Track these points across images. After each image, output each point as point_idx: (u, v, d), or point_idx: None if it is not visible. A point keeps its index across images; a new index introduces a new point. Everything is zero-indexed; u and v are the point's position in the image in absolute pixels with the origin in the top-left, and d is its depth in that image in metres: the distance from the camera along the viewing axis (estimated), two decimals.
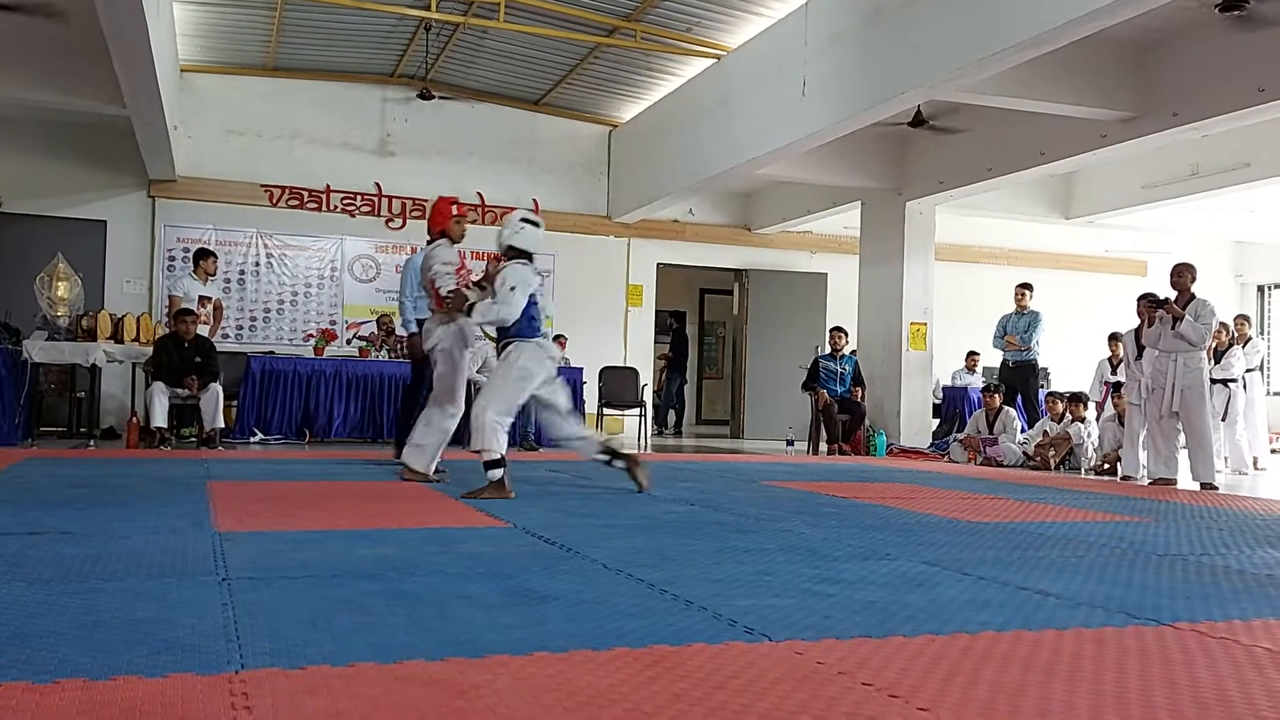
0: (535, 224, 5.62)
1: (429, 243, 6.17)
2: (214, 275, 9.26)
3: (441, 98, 11.47)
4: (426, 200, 11.58)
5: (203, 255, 9.20)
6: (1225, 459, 9.04)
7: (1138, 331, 7.92)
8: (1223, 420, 9.03)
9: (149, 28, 6.48)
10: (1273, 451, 11.24)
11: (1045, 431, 8.99)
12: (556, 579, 2.97)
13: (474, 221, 11.73)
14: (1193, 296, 7.27)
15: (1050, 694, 1.94)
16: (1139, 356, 7.75)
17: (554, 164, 12.13)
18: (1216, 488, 7.04)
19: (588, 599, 2.70)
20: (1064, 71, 7.69)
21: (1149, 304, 7.45)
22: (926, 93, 7.44)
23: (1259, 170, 9.47)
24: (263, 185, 11.06)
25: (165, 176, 10.48)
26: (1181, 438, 7.36)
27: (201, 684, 1.84)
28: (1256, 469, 9.31)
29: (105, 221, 10.60)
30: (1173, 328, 7.18)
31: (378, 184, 11.48)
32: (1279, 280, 14.79)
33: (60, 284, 8.54)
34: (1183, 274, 7.33)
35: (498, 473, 5.06)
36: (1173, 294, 7.37)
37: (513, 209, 12.16)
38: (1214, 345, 9.26)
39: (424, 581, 2.86)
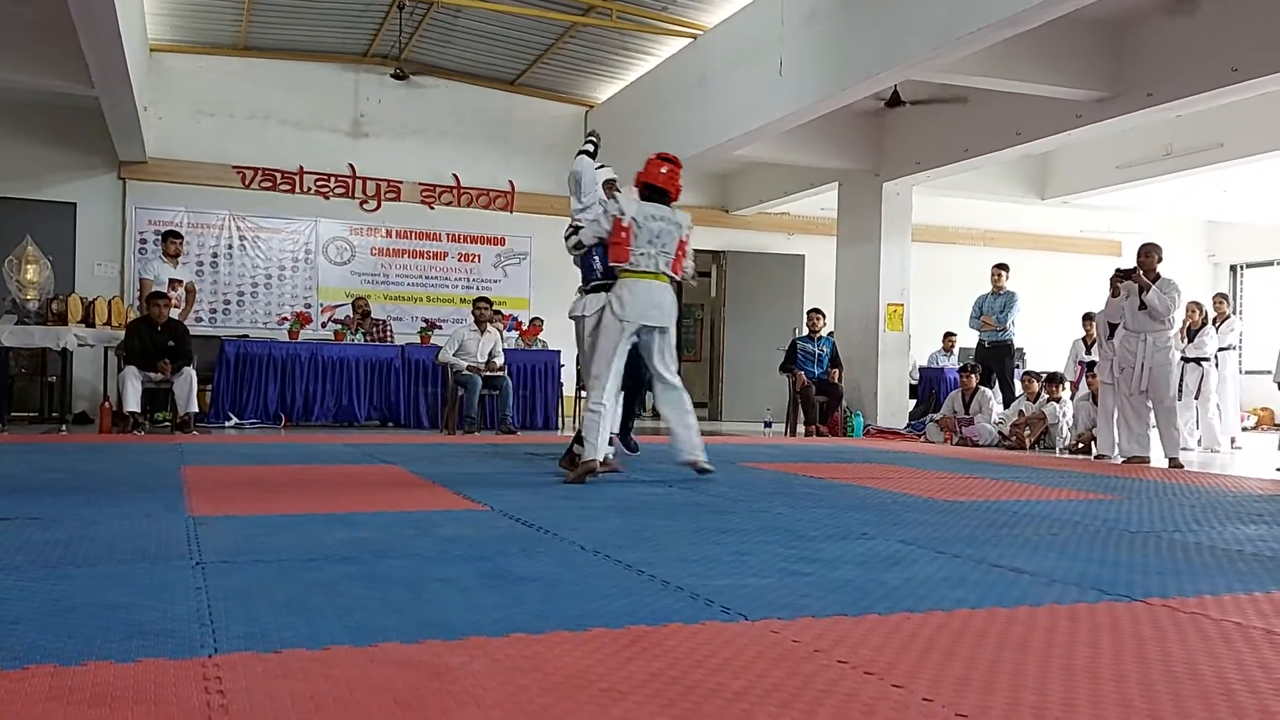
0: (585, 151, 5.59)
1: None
2: (178, 257, 9.18)
3: (415, 75, 11.37)
4: (401, 182, 11.52)
5: (166, 237, 9.12)
6: (1199, 439, 9.15)
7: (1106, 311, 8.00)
8: (1195, 399, 9.13)
9: (117, 6, 6.39)
10: (1245, 429, 11.38)
11: (1020, 411, 9.06)
12: (534, 561, 2.96)
13: (450, 203, 11.73)
14: (1158, 276, 7.34)
15: (1024, 669, 1.96)
16: (1110, 336, 7.82)
17: (530, 145, 12.06)
18: (1182, 465, 7.11)
19: (565, 580, 2.70)
20: (1040, 52, 7.71)
21: (1118, 274, 7.53)
22: (903, 73, 7.44)
23: (1232, 150, 9.55)
24: (235, 167, 10.94)
25: (135, 158, 10.35)
26: (1152, 415, 7.44)
27: (174, 668, 1.82)
28: (1233, 448, 9.42)
29: (75, 204, 10.46)
30: (1141, 296, 7.24)
31: (351, 165, 11.39)
32: (1251, 260, 14.94)
33: (29, 267, 8.45)
34: (1150, 254, 7.40)
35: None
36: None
37: (488, 190, 12.17)
38: (1188, 324, 9.36)
39: (400, 564, 2.85)
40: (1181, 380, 9.24)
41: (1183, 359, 9.36)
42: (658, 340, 5.30)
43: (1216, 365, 9.43)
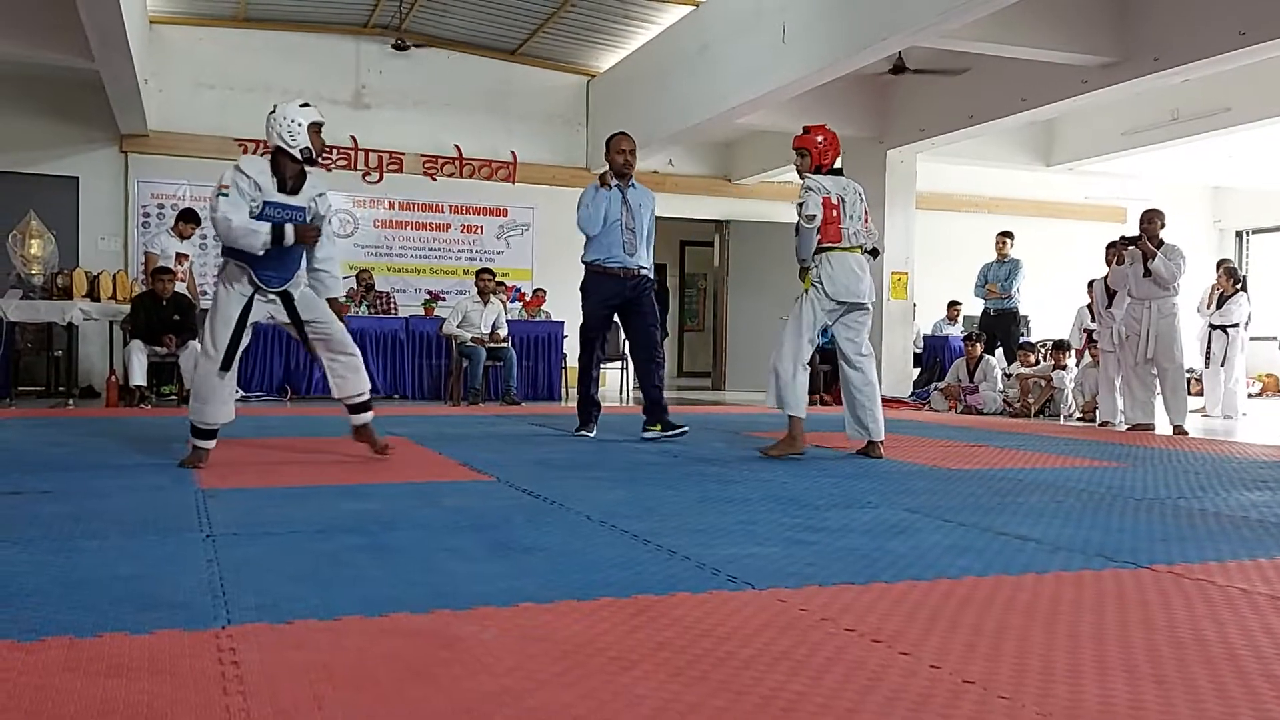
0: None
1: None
2: (189, 239, 9.19)
3: (416, 46, 11.29)
4: (403, 154, 11.47)
5: (184, 218, 9.09)
6: (1221, 404, 9.15)
7: (1108, 279, 7.98)
8: (1221, 366, 9.13)
9: None
10: (1250, 395, 11.37)
11: (1021, 376, 9.07)
12: (541, 531, 2.98)
13: (452, 174, 11.68)
14: (1162, 242, 7.33)
15: (1030, 636, 1.97)
16: (1109, 304, 7.80)
17: (531, 115, 11.99)
18: (1187, 432, 7.12)
19: (572, 550, 2.72)
20: (1046, 16, 7.64)
21: (1122, 241, 7.51)
22: (908, 39, 7.37)
23: (1239, 115, 9.47)
24: (236, 139, 10.88)
25: (137, 131, 10.30)
26: (1158, 383, 7.44)
27: (188, 639, 1.84)
28: (1240, 415, 9.43)
29: (77, 178, 10.43)
30: (1146, 263, 7.22)
31: (354, 137, 11.33)
32: (1257, 225, 14.86)
33: (33, 241, 8.42)
34: (1153, 220, 7.38)
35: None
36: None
37: (490, 161, 12.09)
38: (1219, 291, 9.34)
39: (408, 535, 2.87)
40: (1209, 347, 9.24)
41: (1210, 326, 9.35)
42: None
43: (1246, 330, 9.42)
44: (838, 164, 5.30)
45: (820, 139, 5.22)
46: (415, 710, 1.53)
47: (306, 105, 4.46)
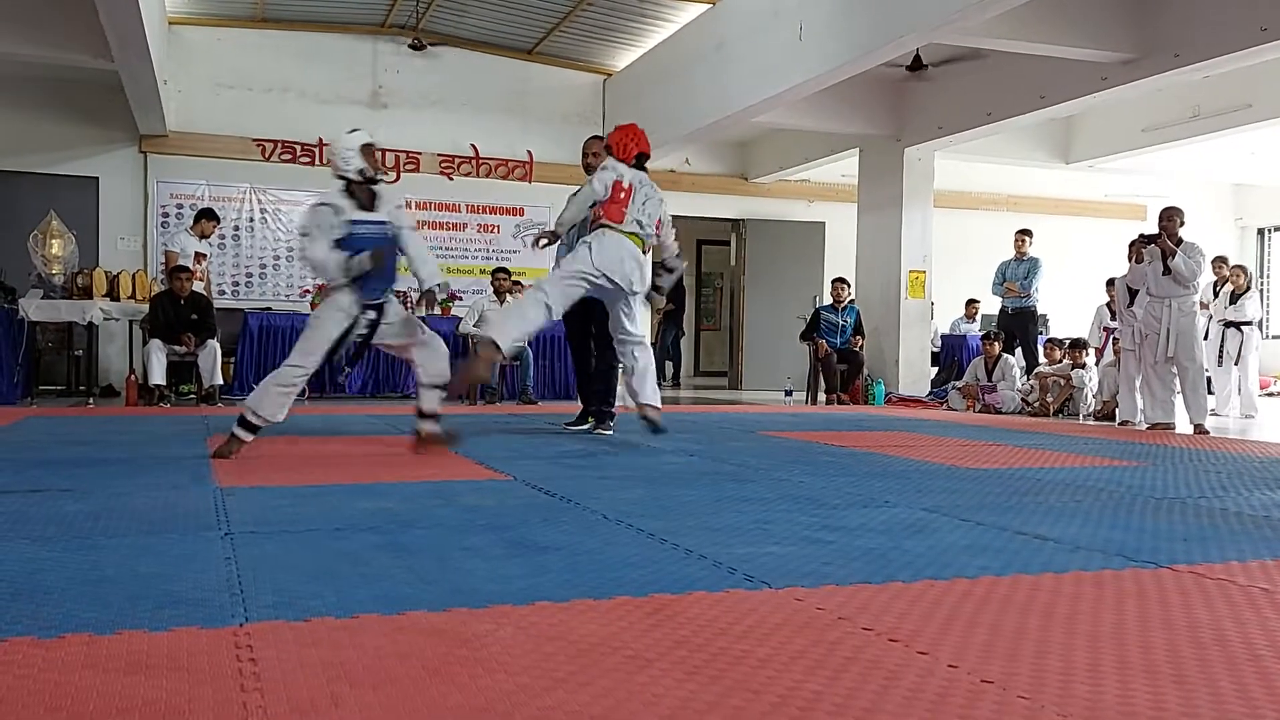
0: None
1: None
2: (209, 238, 9.26)
3: (433, 45, 11.32)
4: (420, 153, 11.50)
5: (205, 216, 9.14)
6: (1239, 403, 9.08)
7: (1128, 277, 7.93)
8: (1235, 364, 9.07)
9: None
10: (1271, 394, 11.27)
11: (1039, 374, 9.02)
12: (557, 530, 2.98)
13: (469, 174, 11.71)
14: (1181, 240, 7.28)
15: (1049, 636, 1.96)
16: (1131, 303, 7.76)
17: (548, 114, 12.00)
18: (1208, 431, 7.07)
19: (588, 549, 2.71)
20: (1064, 12, 7.59)
21: (1141, 239, 7.47)
22: (925, 36, 7.35)
23: (1260, 111, 9.39)
24: (255, 140, 10.95)
25: (156, 132, 10.36)
26: (1178, 381, 7.39)
27: (206, 637, 1.85)
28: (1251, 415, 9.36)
29: (97, 178, 10.51)
30: (1165, 264, 7.19)
31: None
32: (1279, 223, 14.72)
33: (54, 241, 8.49)
34: (1172, 218, 7.34)
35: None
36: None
37: (507, 160, 12.10)
38: (1231, 289, 9.28)
39: (425, 534, 2.87)
40: (1222, 345, 9.18)
41: (1224, 323, 9.29)
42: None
43: (1262, 329, 9.35)
44: (646, 164, 5.54)
45: (621, 136, 5.51)
46: (432, 708, 1.53)
47: (355, 130, 4.78)
